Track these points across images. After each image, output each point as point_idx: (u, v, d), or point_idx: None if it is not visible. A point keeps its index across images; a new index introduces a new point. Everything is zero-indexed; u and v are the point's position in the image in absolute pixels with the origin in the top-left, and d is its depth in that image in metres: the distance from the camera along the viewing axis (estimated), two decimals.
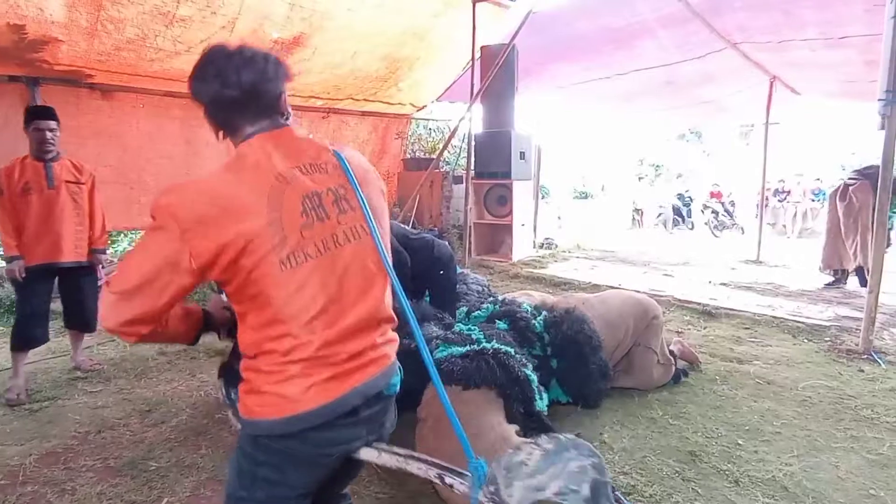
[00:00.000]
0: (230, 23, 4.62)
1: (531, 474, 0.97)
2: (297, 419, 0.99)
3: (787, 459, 2.25)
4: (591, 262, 6.82)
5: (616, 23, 5.99)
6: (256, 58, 1.06)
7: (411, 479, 2.10)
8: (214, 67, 1.05)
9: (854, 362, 3.30)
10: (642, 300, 2.96)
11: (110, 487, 2.06)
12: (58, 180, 3.03)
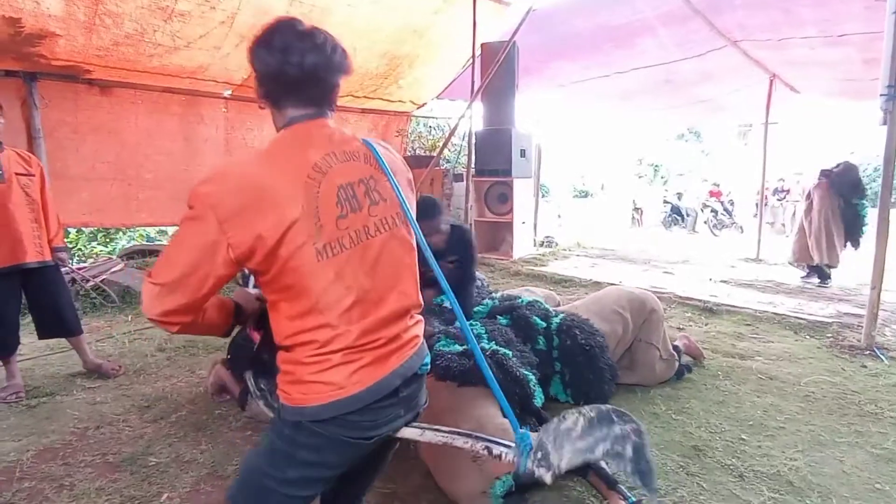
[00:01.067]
0: (229, 17, 4.59)
1: (580, 437, 1.04)
2: (342, 403, 1.01)
3: (792, 454, 2.24)
4: (591, 260, 6.81)
5: (616, 20, 5.98)
6: (326, 44, 1.06)
7: (413, 474, 2.09)
8: (283, 40, 1.03)
9: (857, 358, 3.29)
10: (639, 294, 2.95)
11: (109, 483, 2.04)
12: (8, 173, 2.74)
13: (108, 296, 4.62)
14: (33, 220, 2.83)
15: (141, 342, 3.73)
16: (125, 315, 4.39)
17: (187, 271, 0.95)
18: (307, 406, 1.02)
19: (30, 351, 3.51)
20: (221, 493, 1.97)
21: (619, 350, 2.80)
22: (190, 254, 0.95)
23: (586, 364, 2.55)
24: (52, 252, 2.93)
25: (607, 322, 2.78)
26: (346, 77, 1.12)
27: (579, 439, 1.04)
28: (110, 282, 4.73)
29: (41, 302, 2.96)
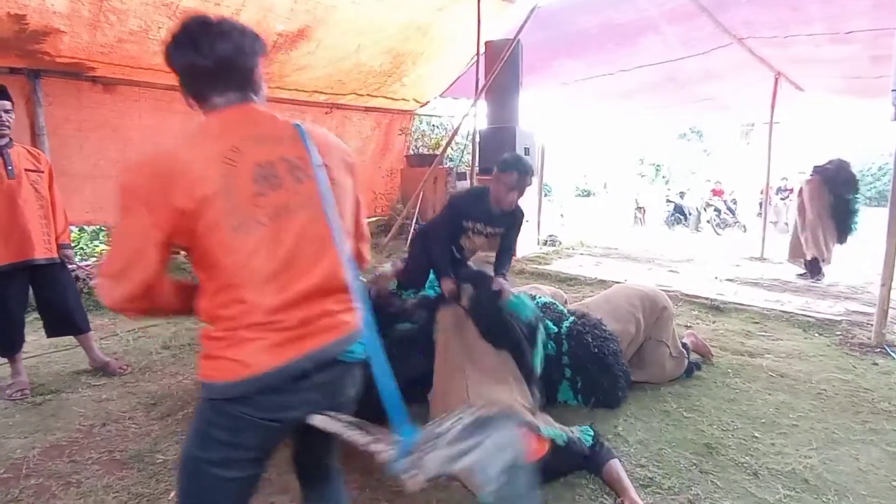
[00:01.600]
0: (234, 14, 4.56)
1: (449, 444, 0.98)
2: (247, 382, 1.00)
3: (806, 452, 2.21)
4: (595, 259, 6.78)
5: (620, 18, 5.96)
6: (233, 31, 1.08)
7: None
8: (190, 36, 1.07)
9: (867, 356, 3.27)
10: (649, 292, 2.93)
11: (117, 480, 2.02)
12: (18, 169, 2.72)
13: None
14: (42, 216, 2.82)
15: (146, 340, 3.72)
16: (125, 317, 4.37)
17: (129, 259, 0.99)
18: (216, 382, 1.02)
19: (34, 349, 3.49)
20: None
21: (630, 350, 2.77)
22: (127, 243, 1.00)
23: (600, 371, 2.52)
24: (59, 249, 2.91)
25: (621, 322, 2.74)
26: (263, 58, 1.14)
27: (449, 445, 0.98)
28: None
29: (49, 300, 2.94)
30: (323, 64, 5.89)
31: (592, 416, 2.48)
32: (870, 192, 16.31)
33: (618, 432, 2.36)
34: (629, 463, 2.11)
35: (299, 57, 5.58)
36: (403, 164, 8.00)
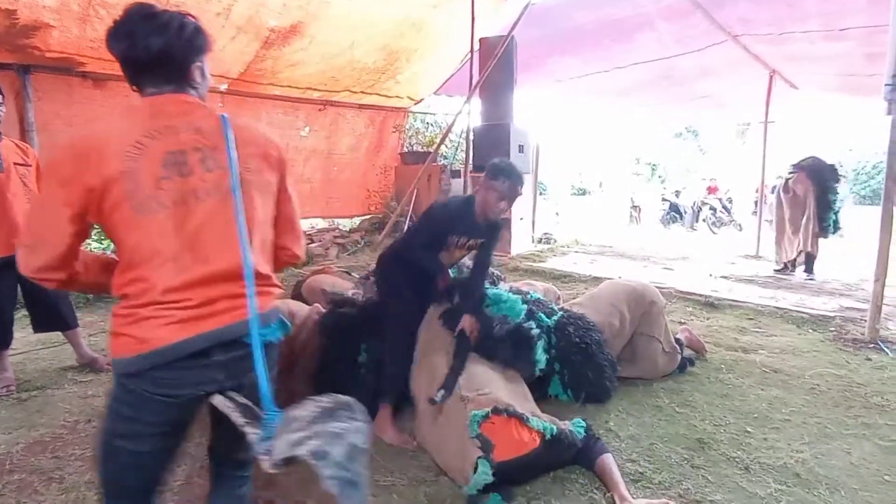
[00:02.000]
0: (226, 9, 4.54)
1: (297, 430, 1.01)
2: (144, 357, 1.04)
3: (798, 446, 2.20)
4: (590, 257, 6.77)
5: (616, 14, 5.94)
6: (171, 24, 1.10)
7: (411, 465, 2.05)
8: (128, 27, 1.10)
9: (861, 351, 3.26)
10: (636, 287, 2.91)
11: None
12: (7, 163, 2.69)
13: None
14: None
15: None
16: None
17: (43, 231, 1.06)
18: (119, 358, 1.06)
19: (21, 345, 3.44)
20: None
21: (617, 343, 2.75)
22: (42, 216, 1.08)
23: (584, 362, 2.51)
24: None
25: (602, 314, 2.74)
26: (206, 53, 1.17)
27: (296, 431, 1.00)
28: None
29: (37, 295, 2.91)
30: (316, 60, 5.86)
31: (583, 412, 2.45)
32: (864, 191, 16.37)
33: (609, 427, 2.34)
34: (620, 458, 2.09)
35: (292, 53, 5.54)
36: (397, 161, 7.97)
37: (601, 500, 1.84)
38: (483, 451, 1.81)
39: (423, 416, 2.19)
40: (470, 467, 1.80)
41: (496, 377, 2.21)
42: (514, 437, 1.87)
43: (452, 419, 2.01)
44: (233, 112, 4.56)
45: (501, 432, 1.87)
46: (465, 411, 1.97)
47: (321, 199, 7.33)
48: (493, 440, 1.84)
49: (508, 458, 1.82)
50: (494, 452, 1.81)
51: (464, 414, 1.97)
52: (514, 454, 1.83)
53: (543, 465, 1.93)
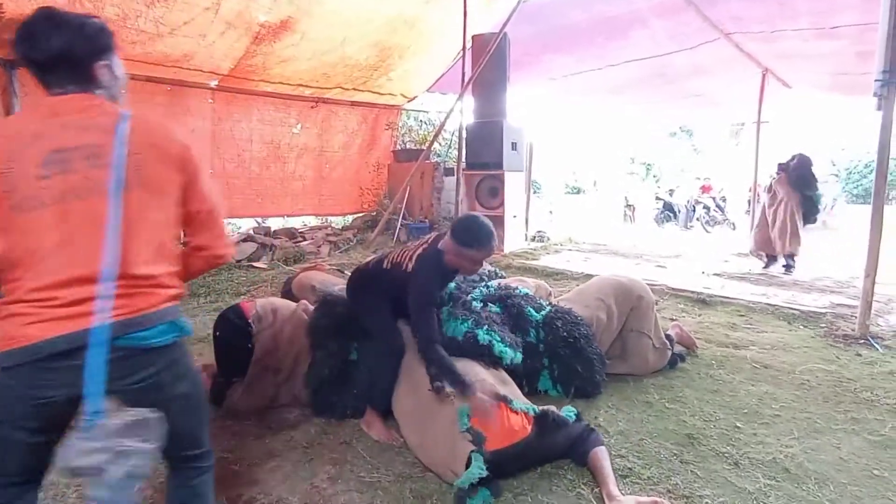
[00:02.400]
0: (215, 4, 4.49)
1: (94, 439, 0.99)
2: (10, 354, 1.04)
3: (788, 441, 2.18)
4: (583, 255, 6.76)
5: (610, 11, 5.94)
6: (72, 24, 1.11)
7: (397, 461, 2.02)
8: (29, 28, 1.10)
9: (851, 347, 3.26)
10: (624, 282, 2.89)
11: None
12: None
13: None
14: None
15: None
16: None
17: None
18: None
19: None
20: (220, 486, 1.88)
21: (605, 338, 2.73)
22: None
23: (573, 356, 2.49)
24: None
25: (590, 308, 2.72)
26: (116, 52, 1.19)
27: (93, 440, 0.99)
28: None
29: None
30: (307, 56, 5.82)
31: (574, 407, 2.44)
32: (856, 190, 16.47)
33: (599, 423, 2.32)
34: (609, 453, 2.06)
35: (283, 49, 5.50)
36: (390, 159, 7.94)
37: (589, 496, 1.81)
38: (475, 444, 1.79)
39: (406, 417, 2.16)
40: (461, 462, 1.77)
41: (474, 364, 2.21)
42: (506, 425, 1.86)
43: (438, 416, 1.98)
44: (224, 109, 4.68)
45: (492, 422, 1.86)
46: (451, 406, 1.95)
47: (313, 197, 7.29)
48: (484, 432, 1.82)
49: (502, 446, 1.80)
50: (487, 443, 1.79)
51: (450, 409, 1.94)
52: (508, 442, 1.82)
53: (536, 454, 1.91)
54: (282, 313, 2.49)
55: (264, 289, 4.87)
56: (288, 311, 2.54)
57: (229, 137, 6.18)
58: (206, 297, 4.58)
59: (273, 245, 5.90)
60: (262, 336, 2.39)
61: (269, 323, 2.42)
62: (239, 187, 6.45)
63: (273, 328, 2.42)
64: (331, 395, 2.34)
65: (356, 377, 2.36)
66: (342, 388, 2.35)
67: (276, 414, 2.41)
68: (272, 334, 2.41)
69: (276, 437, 2.21)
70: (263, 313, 2.43)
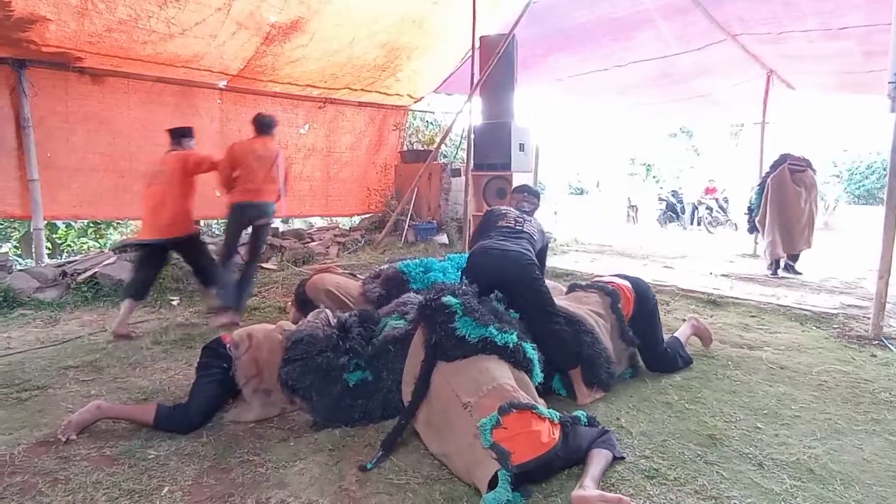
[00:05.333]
0: (226, 4, 4.49)
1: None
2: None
3: (810, 442, 2.19)
4: (590, 256, 6.78)
5: (617, 13, 5.95)
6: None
7: (425, 463, 2.02)
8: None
9: (865, 348, 3.27)
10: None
11: (106, 476, 1.94)
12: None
13: (101, 289, 4.50)
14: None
15: (135, 335, 3.62)
16: (118, 309, 4.26)
17: None
18: None
19: (19, 344, 3.40)
20: (225, 486, 1.89)
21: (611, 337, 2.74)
22: None
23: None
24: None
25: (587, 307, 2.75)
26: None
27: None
28: (103, 275, 4.60)
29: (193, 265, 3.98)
30: (316, 57, 5.82)
31: (594, 409, 2.45)
32: (858, 191, 16.50)
33: (620, 424, 2.33)
34: (633, 454, 2.08)
35: (292, 49, 5.50)
36: (398, 159, 7.94)
37: None
38: (501, 462, 1.73)
39: (424, 427, 2.13)
40: (484, 480, 1.74)
41: (489, 363, 2.12)
42: (533, 436, 1.82)
43: (459, 431, 1.93)
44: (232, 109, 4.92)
45: (517, 434, 1.80)
46: (471, 420, 1.89)
47: (321, 198, 7.29)
48: (508, 448, 1.76)
49: (529, 458, 1.77)
50: (513, 458, 1.74)
51: (471, 423, 1.88)
52: (536, 454, 1.79)
53: (561, 462, 1.90)
54: (256, 336, 2.50)
55: (275, 290, 4.87)
56: (262, 334, 2.53)
57: (237, 138, 6.14)
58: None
59: (282, 246, 5.89)
60: (242, 361, 2.42)
61: (246, 347, 2.45)
62: None
63: (250, 351, 2.44)
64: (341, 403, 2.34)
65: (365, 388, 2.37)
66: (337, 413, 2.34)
67: (298, 416, 2.41)
68: (251, 357, 2.43)
69: (300, 440, 2.21)
70: (239, 339, 2.48)
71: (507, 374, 2.11)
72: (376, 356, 2.44)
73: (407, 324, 2.54)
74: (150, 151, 5.46)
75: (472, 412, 1.92)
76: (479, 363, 2.11)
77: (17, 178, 4.75)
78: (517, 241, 2.76)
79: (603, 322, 2.72)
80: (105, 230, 8.74)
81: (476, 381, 2.03)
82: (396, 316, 2.71)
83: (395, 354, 2.42)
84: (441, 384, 2.12)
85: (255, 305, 4.33)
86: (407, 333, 2.46)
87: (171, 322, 3.94)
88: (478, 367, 2.10)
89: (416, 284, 3.21)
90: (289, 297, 4.49)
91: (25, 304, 4.24)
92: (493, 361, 2.13)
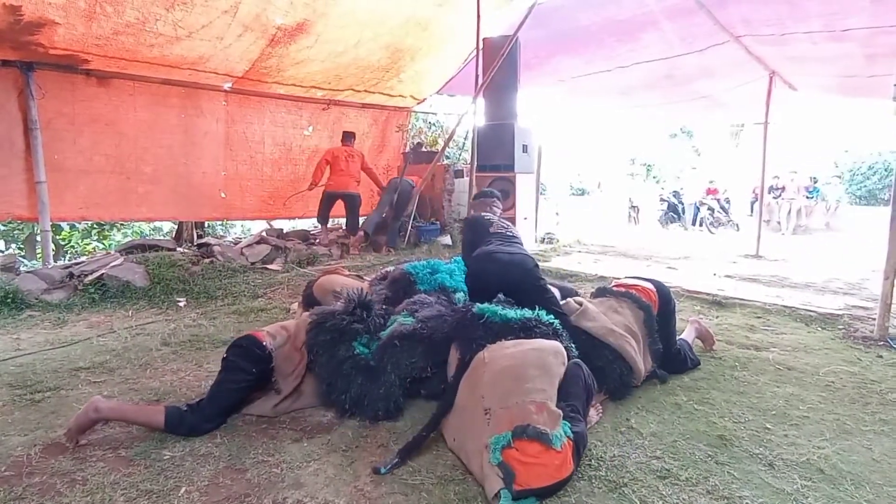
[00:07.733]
0: (233, 7, 4.51)
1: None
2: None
3: (819, 443, 2.21)
4: (593, 256, 6.79)
5: (621, 14, 5.96)
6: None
7: (438, 464, 2.04)
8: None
9: (871, 349, 3.29)
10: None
11: (123, 477, 1.96)
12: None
13: (108, 290, 4.52)
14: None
15: (144, 337, 3.64)
16: (125, 310, 4.29)
17: None
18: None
19: (29, 346, 3.41)
20: (241, 486, 1.91)
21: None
22: None
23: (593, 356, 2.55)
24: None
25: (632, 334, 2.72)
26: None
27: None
28: (110, 276, 4.62)
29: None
30: (321, 58, 5.84)
31: (604, 409, 2.46)
32: (859, 192, 16.52)
33: (631, 425, 2.35)
34: (644, 455, 2.09)
35: (298, 51, 5.52)
36: (401, 161, 7.95)
37: (631, 496, 1.84)
38: (504, 482, 1.72)
39: (445, 421, 2.17)
40: (490, 493, 1.75)
41: (533, 370, 2.05)
42: (547, 467, 1.79)
43: (476, 434, 1.94)
44: (237, 111, 4.98)
45: (530, 464, 1.77)
46: (486, 430, 1.89)
47: None
48: (515, 469, 1.74)
49: (535, 486, 1.74)
50: (517, 481, 1.72)
51: (485, 433, 1.88)
52: (543, 483, 1.76)
53: (567, 481, 1.87)
54: (290, 328, 2.56)
55: (280, 291, 4.89)
56: (293, 324, 2.61)
57: (242, 139, 6.19)
58: (223, 299, 4.60)
59: (286, 247, 5.91)
60: (282, 351, 2.45)
61: (284, 338, 2.49)
62: (251, 189, 6.47)
63: (289, 341, 2.49)
64: (361, 397, 2.37)
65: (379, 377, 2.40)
66: (370, 388, 2.38)
67: (310, 416, 2.43)
68: (291, 347, 2.48)
69: (313, 441, 2.23)
70: (276, 332, 2.51)
71: (549, 381, 2.04)
72: (383, 347, 2.48)
73: (415, 322, 2.58)
74: (155, 153, 5.50)
75: (490, 421, 1.92)
76: (525, 366, 2.05)
77: (25, 181, 4.77)
78: (515, 245, 2.81)
79: (635, 343, 2.68)
80: (109, 231, 8.76)
81: (507, 389, 1.99)
82: (405, 313, 2.73)
83: (401, 350, 2.46)
84: (475, 380, 2.13)
85: (260, 307, 4.34)
86: (414, 331, 2.50)
87: (179, 323, 3.96)
88: (517, 372, 2.03)
89: (424, 286, 3.23)
90: (294, 298, 4.51)
91: (33, 305, 4.26)
92: (541, 361, 2.08)
